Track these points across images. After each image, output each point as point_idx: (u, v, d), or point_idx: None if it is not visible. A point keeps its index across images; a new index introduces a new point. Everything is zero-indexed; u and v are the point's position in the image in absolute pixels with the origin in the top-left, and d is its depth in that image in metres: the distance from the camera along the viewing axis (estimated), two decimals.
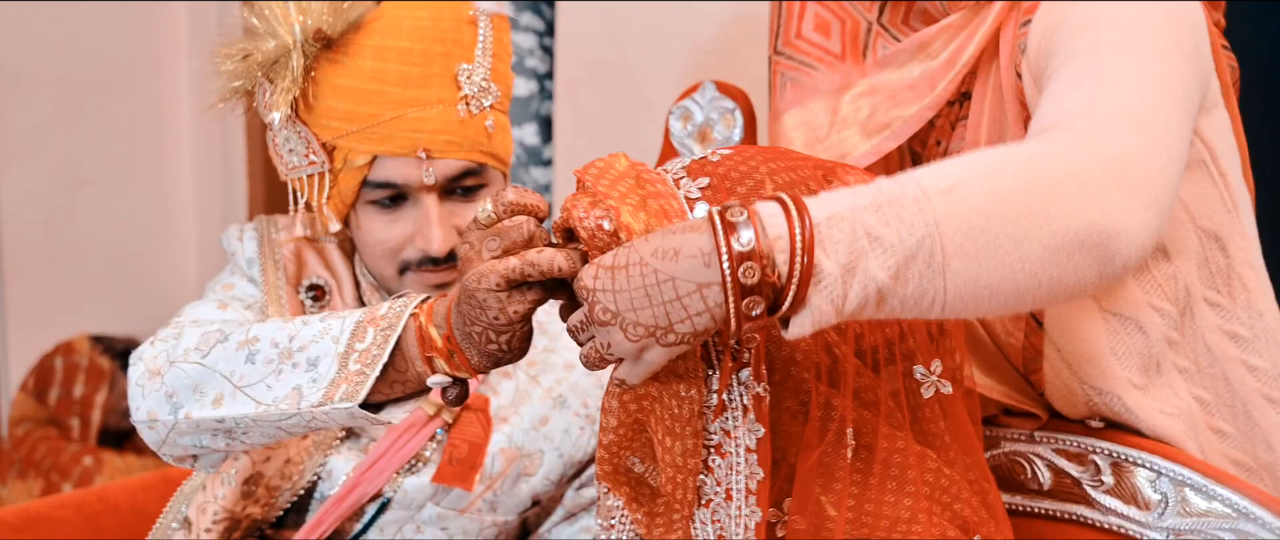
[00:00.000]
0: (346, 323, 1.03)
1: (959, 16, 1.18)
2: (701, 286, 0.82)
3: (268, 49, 1.27)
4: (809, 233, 0.81)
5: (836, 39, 1.22)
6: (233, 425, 1.07)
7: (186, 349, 1.12)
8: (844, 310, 0.82)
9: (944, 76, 1.16)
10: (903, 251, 0.81)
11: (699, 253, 0.82)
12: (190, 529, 1.36)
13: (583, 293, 0.86)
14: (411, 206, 1.32)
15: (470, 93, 1.30)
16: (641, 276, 0.83)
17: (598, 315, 0.85)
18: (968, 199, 0.83)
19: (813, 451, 0.94)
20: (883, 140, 1.18)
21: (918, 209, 0.82)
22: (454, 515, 1.38)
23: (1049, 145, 0.92)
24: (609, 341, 0.86)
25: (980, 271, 0.83)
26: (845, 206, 0.82)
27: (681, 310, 0.83)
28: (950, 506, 0.98)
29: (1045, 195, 0.85)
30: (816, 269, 0.81)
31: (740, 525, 0.94)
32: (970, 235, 0.82)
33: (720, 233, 0.81)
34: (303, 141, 1.30)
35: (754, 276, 0.81)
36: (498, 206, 0.95)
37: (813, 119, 1.21)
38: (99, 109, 3.30)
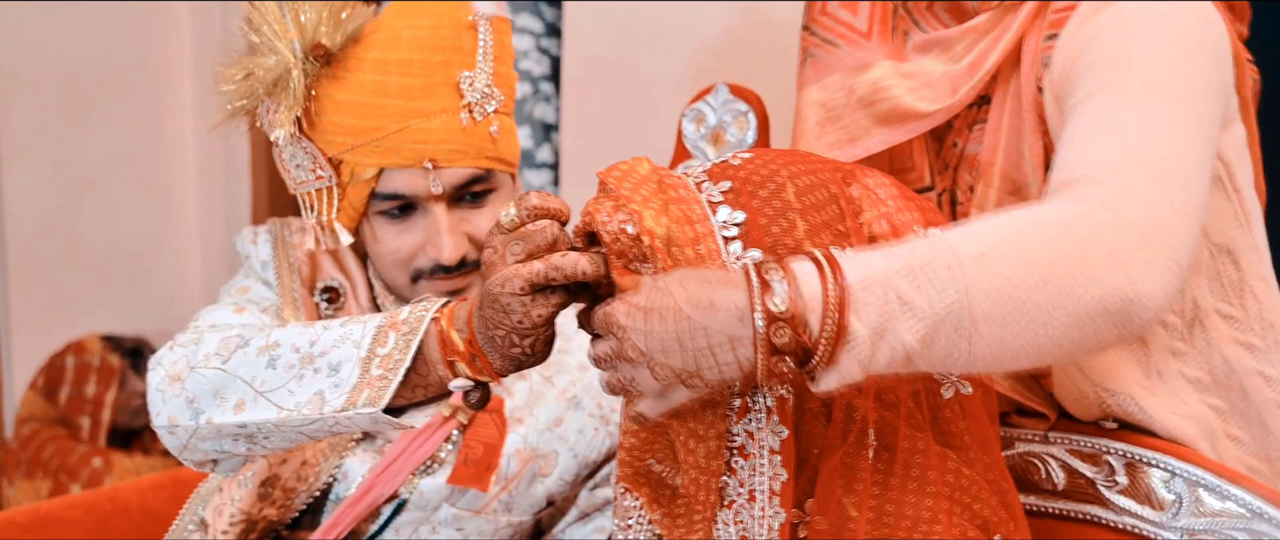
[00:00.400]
0: (367, 328, 1.03)
1: (985, 19, 1.17)
2: (733, 340, 0.83)
3: (268, 66, 1.26)
4: (842, 296, 0.82)
5: (863, 17, 1.20)
6: (254, 430, 1.07)
7: (206, 354, 1.12)
8: (871, 369, 0.85)
9: (965, 82, 1.16)
10: (932, 317, 0.83)
11: (734, 308, 0.83)
12: (206, 531, 1.36)
13: (615, 329, 0.86)
14: (421, 216, 1.32)
15: (473, 100, 1.29)
16: (675, 323, 0.84)
17: (627, 352, 0.86)
18: (998, 267, 0.85)
19: (835, 452, 0.95)
20: (895, 134, 1.18)
21: (949, 275, 0.84)
22: (470, 516, 1.39)
23: (1078, 208, 0.93)
24: (635, 378, 0.87)
25: (1006, 337, 0.86)
26: (879, 270, 0.84)
27: (712, 360, 0.84)
28: (970, 506, 0.99)
29: (1073, 265, 0.87)
30: (847, 332, 0.83)
31: (764, 526, 0.95)
32: (999, 303, 0.85)
33: (756, 291, 0.83)
34: (309, 157, 1.30)
35: (785, 337, 0.83)
36: (520, 211, 0.96)
37: (830, 97, 1.21)
38: (102, 110, 3.30)
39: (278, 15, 1.27)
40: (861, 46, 1.19)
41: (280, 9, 1.27)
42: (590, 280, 0.94)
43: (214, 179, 3.50)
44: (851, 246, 0.93)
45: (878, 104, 1.17)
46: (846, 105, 1.19)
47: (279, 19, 1.26)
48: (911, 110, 1.16)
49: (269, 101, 1.29)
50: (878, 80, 1.18)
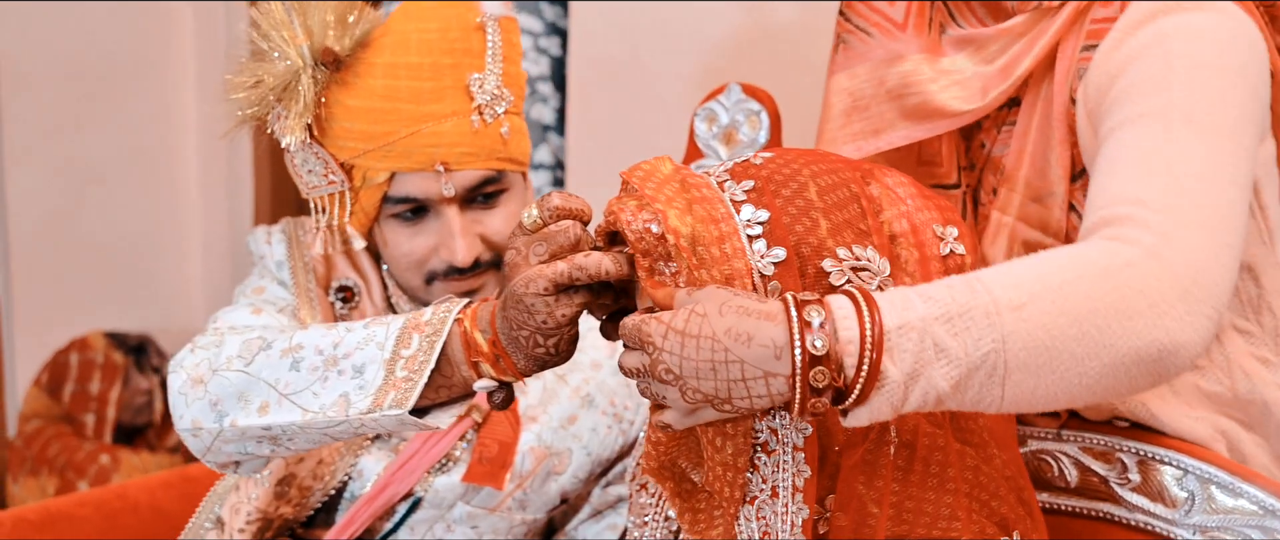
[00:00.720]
0: (391, 329, 1.03)
1: (1021, 21, 1.16)
2: (768, 375, 0.84)
3: (278, 72, 1.27)
4: (879, 340, 0.83)
5: (900, 8, 1.17)
6: (279, 432, 1.07)
7: (229, 357, 1.12)
8: (901, 410, 0.86)
9: (997, 85, 1.15)
10: (967, 364, 0.84)
11: (772, 345, 0.84)
12: (222, 529, 1.37)
13: (648, 348, 0.87)
14: (433, 218, 1.32)
15: (483, 102, 1.30)
16: (712, 352, 0.84)
17: (660, 373, 0.86)
18: (1037, 317, 0.85)
19: (857, 449, 0.95)
20: (920, 130, 1.17)
21: (987, 323, 0.84)
22: (484, 514, 1.39)
23: (1123, 255, 0.92)
24: (664, 396, 0.88)
25: (1039, 384, 0.86)
26: (916, 316, 0.84)
27: (744, 390, 0.85)
28: (988, 503, 0.99)
29: (1113, 316, 0.87)
30: (881, 376, 0.84)
31: (787, 522, 0.95)
32: (1035, 353, 0.85)
33: (795, 332, 0.83)
34: (320, 162, 1.31)
35: (823, 381, 0.84)
36: (543, 211, 0.96)
37: (858, 86, 1.19)
38: (106, 108, 3.31)
39: (285, 20, 1.27)
40: (895, 37, 1.17)
41: (287, 13, 1.27)
42: (613, 279, 0.94)
43: (217, 177, 3.51)
44: (873, 245, 0.93)
45: (906, 98, 1.16)
46: (874, 96, 1.17)
47: (287, 24, 1.27)
48: (940, 108, 1.15)
49: (279, 108, 1.29)
50: (908, 74, 1.16)
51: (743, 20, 2.28)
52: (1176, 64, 1.05)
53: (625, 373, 0.90)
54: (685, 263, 0.91)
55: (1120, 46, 1.09)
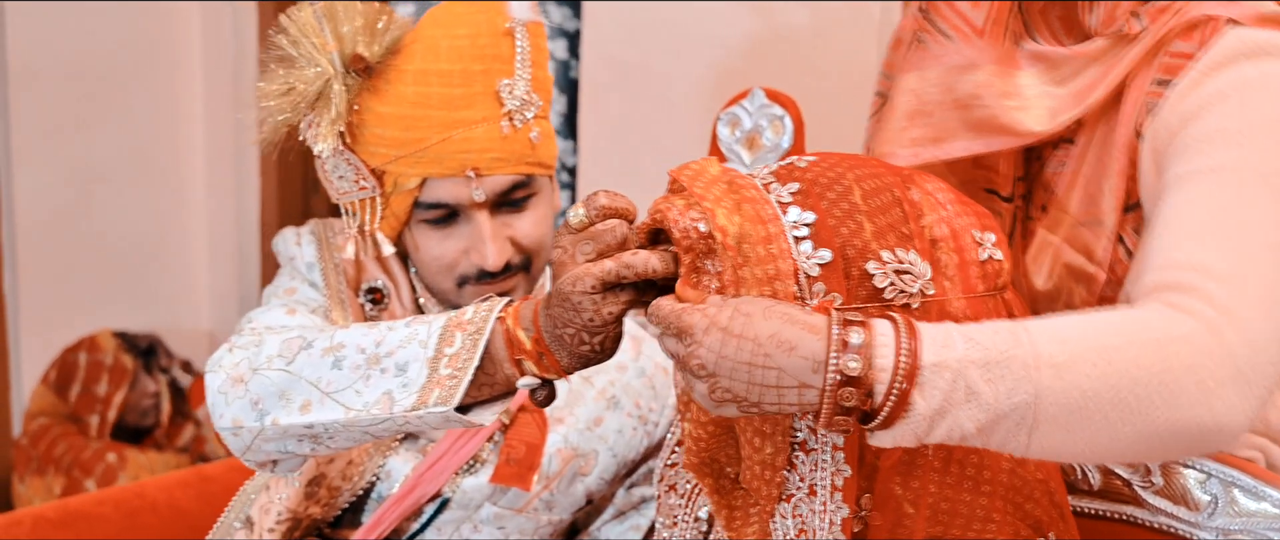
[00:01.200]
0: (433, 328, 1.04)
1: (1098, 46, 1.12)
2: (802, 386, 0.85)
3: (308, 78, 1.27)
4: (911, 373, 0.84)
5: (983, 14, 1.13)
6: (321, 431, 1.07)
7: (269, 356, 1.12)
8: (925, 441, 0.87)
9: (1067, 110, 1.12)
10: (996, 411, 0.84)
11: (811, 358, 0.85)
12: (252, 528, 1.37)
13: (686, 338, 0.87)
14: (464, 223, 1.33)
15: (513, 107, 1.30)
16: (751, 354, 0.85)
17: (693, 366, 0.87)
18: (1077, 379, 0.84)
19: (894, 450, 0.97)
20: (982, 144, 1.15)
21: (1024, 375, 0.84)
22: (511, 514, 1.40)
23: (1178, 327, 0.89)
24: (693, 386, 0.89)
25: (1067, 440, 0.86)
26: (954, 357, 0.84)
27: (775, 396, 0.86)
28: (1022, 506, 1.01)
29: (1156, 390, 0.85)
30: (909, 407, 0.85)
31: (825, 520, 0.96)
32: (1067, 411, 0.84)
33: (835, 347, 0.84)
34: (351, 168, 1.31)
35: (851, 401, 0.85)
36: (590, 211, 0.97)
37: (925, 89, 1.16)
38: (112, 108, 3.31)
39: (315, 26, 1.27)
40: (972, 44, 1.13)
41: (317, 19, 1.27)
42: (660, 277, 0.96)
43: (224, 177, 3.51)
44: (915, 249, 0.95)
45: (973, 110, 1.14)
46: (940, 103, 1.15)
47: (317, 30, 1.27)
48: (1006, 126, 1.13)
49: (311, 115, 1.29)
50: (979, 85, 1.14)
51: (755, 23, 2.30)
52: (1255, 117, 1.01)
53: (664, 349, 0.91)
54: (730, 261, 0.92)
55: (1197, 88, 1.05)
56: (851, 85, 2.18)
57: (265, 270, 3.53)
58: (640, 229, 0.98)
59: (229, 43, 3.40)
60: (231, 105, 3.44)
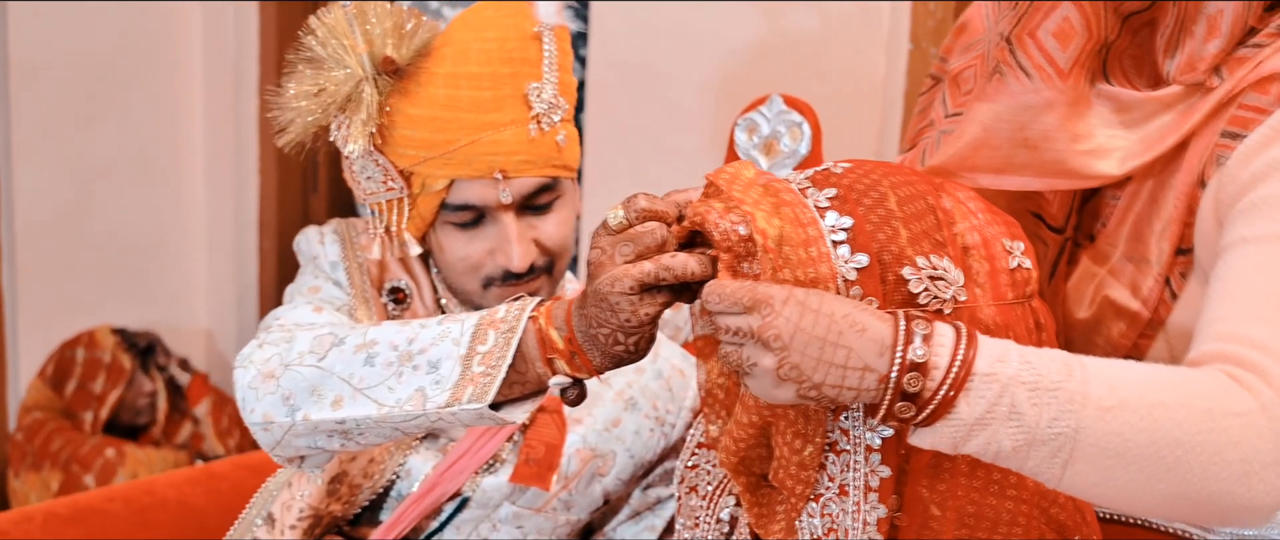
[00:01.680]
0: (466, 326, 1.05)
1: (1172, 93, 1.10)
2: (865, 369, 0.86)
3: (338, 79, 1.28)
4: (960, 380, 0.85)
5: (1069, 54, 1.09)
6: (352, 427, 1.08)
7: (301, 352, 1.12)
8: (960, 449, 0.88)
9: (1136, 157, 1.11)
10: (1035, 436, 0.86)
11: (880, 341, 0.86)
12: (274, 525, 1.38)
13: (763, 308, 0.88)
14: (490, 224, 1.34)
15: (541, 111, 1.31)
16: (826, 329, 0.86)
17: (767, 336, 0.87)
18: (1119, 427, 0.85)
19: (924, 453, 0.98)
20: (1045, 183, 1.14)
21: (1068, 408, 0.85)
22: (530, 514, 1.41)
23: (1235, 404, 0.88)
24: (757, 362, 0.88)
25: (1099, 482, 0.87)
26: (1007, 374, 0.86)
27: (838, 377, 0.87)
28: (1047, 509, 1.02)
29: (1197, 455, 0.86)
30: (953, 410, 0.86)
31: (859, 520, 0.97)
32: (1104, 455, 0.86)
33: (901, 336, 0.86)
34: (380, 170, 1.32)
35: (917, 387, 0.86)
36: (629, 212, 0.98)
37: (995, 124, 1.13)
38: (113, 105, 3.31)
39: (345, 28, 1.27)
40: (1052, 85, 1.10)
41: (348, 21, 1.28)
42: (698, 280, 0.97)
43: (223, 176, 3.51)
44: (948, 256, 0.96)
45: (1041, 151, 1.12)
46: (1010, 140, 1.13)
47: (347, 32, 1.27)
48: (1072, 169, 1.12)
49: (342, 117, 1.29)
50: (1050, 129, 1.11)
51: (762, 27, 2.31)
52: None
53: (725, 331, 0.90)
54: (769, 263, 0.93)
55: (1268, 147, 1.03)
56: (859, 91, 2.19)
57: (263, 270, 3.53)
58: (677, 232, 0.99)
59: (230, 42, 3.40)
60: (232, 104, 3.43)
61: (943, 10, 2.16)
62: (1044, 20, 1.08)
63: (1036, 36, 1.09)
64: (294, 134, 1.29)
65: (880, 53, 2.18)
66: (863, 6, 2.20)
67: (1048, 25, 1.08)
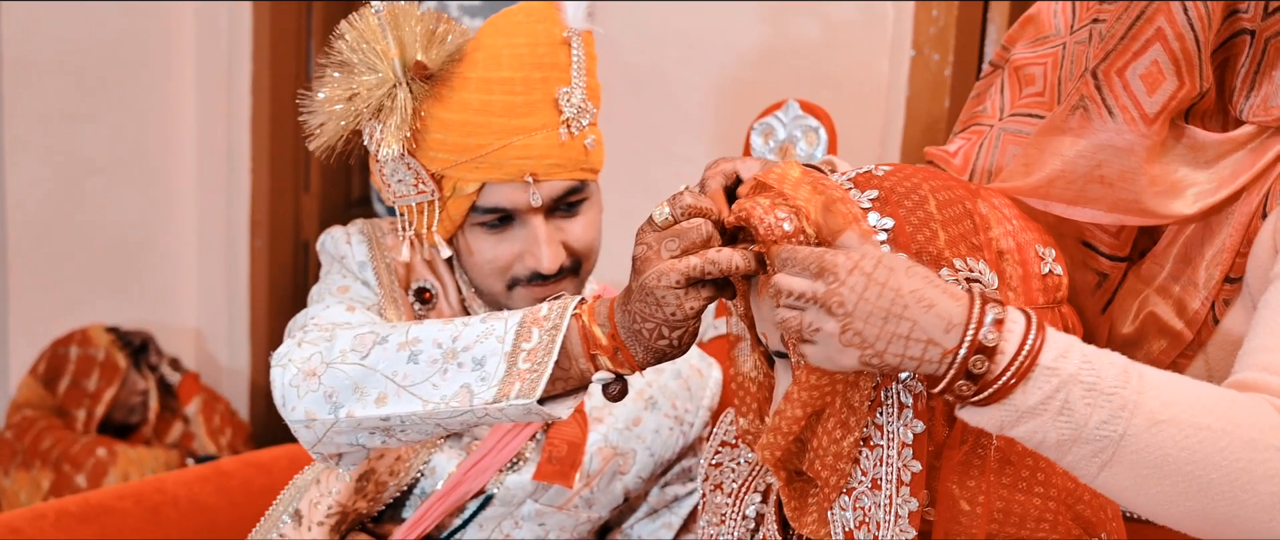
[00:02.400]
0: (509, 324, 1.06)
1: (1246, 133, 1.12)
2: (930, 343, 0.88)
3: (371, 83, 1.29)
4: (1024, 369, 0.88)
5: (1157, 101, 1.09)
6: (396, 423, 1.09)
7: (343, 351, 1.14)
8: (1006, 433, 0.91)
9: (1208, 197, 1.13)
10: (1081, 434, 0.89)
11: (948, 317, 0.88)
12: (301, 522, 1.39)
13: (829, 276, 0.90)
14: (519, 226, 1.35)
15: (570, 115, 1.33)
16: (890, 302, 0.88)
17: (832, 303, 0.89)
18: (1163, 441, 0.88)
19: (956, 451, 1.01)
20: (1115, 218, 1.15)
21: (1120, 414, 0.88)
22: (552, 511, 1.43)
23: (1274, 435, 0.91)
24: (820, 327, 0.90)
25: (1132, 487, 0.90)
26: (1068, 370, 0.88)
27: (901, 348, 0.89)
28: (1074, 507, 1.05)
29: (1232, 484, 0.89)
30: (1009, 396, 0.89)
31: (891, 513, 1.00)
32: (1143, 464, 0.89)
33: (975, 316, 0.88)
34: (412, 173, 1.33)
35: (981, 368, 0.88)
36: (675, 209, 1.00)
37: (1072, 160, 1.13)
38: (105, 102, 3.30)
39: (378, 33, 1.29)
40: (1136, 130, 1.10)
41: (381, 26, 1.29)
42: (743, 274, 0.99)
43: (214, 175, 3.51)
44: (984, 259, 0.99)
45: (1117, 189, 1.13)
46: (1087, 175, 1.13)
47: (380, 37, 1.29)
48: (1146, 208, 1.13)
49: (375, 121, 1.31)
50: (1128, 171, 1.12)
51: (766, 32, 2.33)
52: None
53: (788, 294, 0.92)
54: None
55: None
56: (862, 96, 2.22)
57: (255, 269, 3.52)
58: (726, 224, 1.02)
59: (223, 41, 3.40)
60: (225, 103, 3.43)
61: (945, 16, 2.18)
62: (1134, 61, 1.08)
63: (1124, 76, 1.09)
64: (326, 138, 1.30)
65: (883, 58, 2.21)
66: (866, 12, 2.22)
67: (1136, 67, 1.08)
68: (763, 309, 1.05)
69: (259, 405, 3.62)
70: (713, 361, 1.57)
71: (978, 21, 2.27)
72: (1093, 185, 1.13)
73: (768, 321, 1.04)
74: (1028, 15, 1.32)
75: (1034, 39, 1.30)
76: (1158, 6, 1.07)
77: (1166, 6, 1.06)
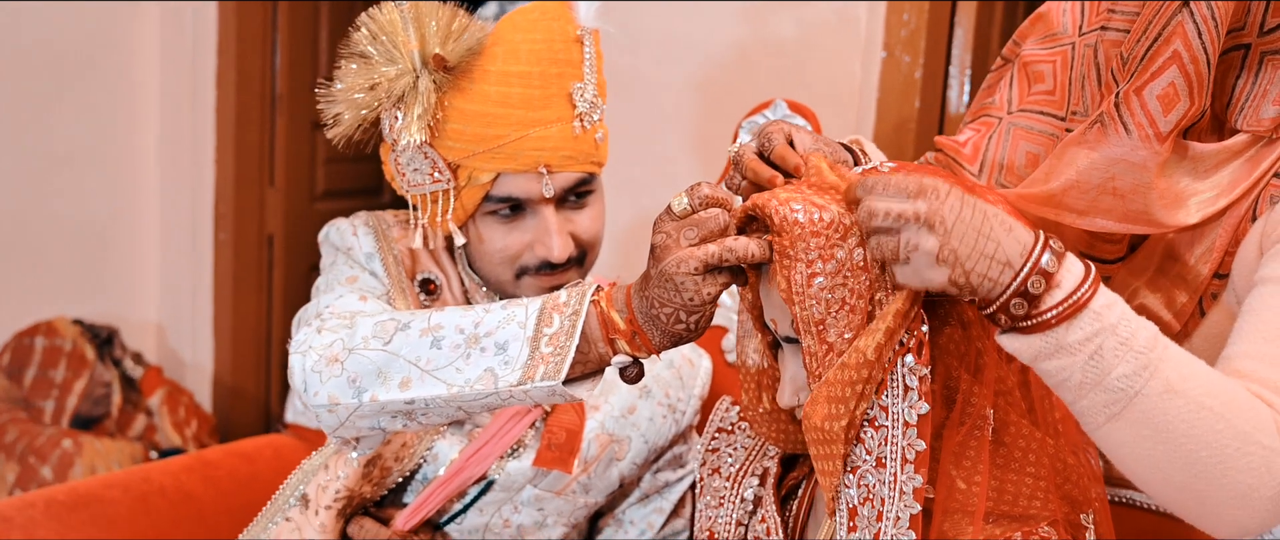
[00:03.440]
0: (530, 311, 1.10)
1: (1240, 142, 1.18)
2: (1006, 264, 0.95)
3: (391, 75, 1.32)
4: (1077, 306, 0.94)
5: (1171, 120, 1.14)
6: (419, 406, 1.13)
7: (365, 337, 1.17)
8: (1034, 364, 0.97)
9: (1210, 206, 1.19)
10: (1102, 382, 0.95)
11: (1022, 242, 0.95)
12: (308, 506, 1.42)
13: (930, 195, 0.95)
14: (530, 216, 1.40)
15: (583, 110, 1.38)
16: (983, 222, 0.95)
17: (935, 220, 0.94)
18: (1170, 408, 0.95)
19: (956, 432, 1.07)
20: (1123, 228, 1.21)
21: (1141, 372, 0.95)
22: (551, 496, 1.47)
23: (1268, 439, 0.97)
24: (919, 245, 0.96)
25: (1127, 444, 0.98)
26: (1109, 320, 0.95)
27: (985, 266, 0.95)
28: (1062, 487, 1.11)
29: (1216, 467, 0.96)
30: (1052, 330, 0.95)
31: (896, 489, 1.05)
32: (1146, 425, 0.96)
33: (1040, 245, 0.95)
34: (428, 162, 1.37)
35: (1038, 289, 0.95)
36: (693, 200, 1.05)
37: (1087, 171, 1.20)
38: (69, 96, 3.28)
39: (399, 26, 1.32)
40: (1150, 147, 1.15)
41: (403, 20, 1.32)
42: (758, 262, 1.04)
43: (178, 169, 3.50)
44: None
45: (1128, 201, 1.19)
46: (1099, 187, 1.19)
47: (401, 29, 1.32)
48: (1155, 219, 1.19)
49: (395, 111, 1.34)
50: (1138, 185, 1.18)
51: (742, 32, 2.38)
52: None
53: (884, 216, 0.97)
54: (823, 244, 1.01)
55: None
56: (836, 95, 2.28)
57: (219, 262, 3.52)
58: (735, 216, 1.07)
59: (188, 34, 3.40)
60: (189, 96, 3.43)
61: (916, 19, 2.24)
62: (1152, 81, 1.14)
63: (1142, 96, 1.15)
64: (345, 127, 1.33)
65: (856, 60, 2.26)
66: (840, 14, 2.27)
67: (1154, 87, 1.14)
68: (772, 296, 1.10)
69: (222, 400, 3.61)
70: (702, 352, 1.62)
71: (945, 25, 2.34)
72: (1105, 196, 1.19)
73: (776, 308, 1.10)
74: (1038, 13, 1.38)
75: (1043, 36, 1.35)
76: (1174, 29, 1.12)
77: (1182, 30, 1.12)
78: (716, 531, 1.27)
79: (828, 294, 1.03)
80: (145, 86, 3.46)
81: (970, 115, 1.40)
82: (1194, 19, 1.11)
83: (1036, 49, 1.35)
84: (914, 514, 1.04)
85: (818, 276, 1.02)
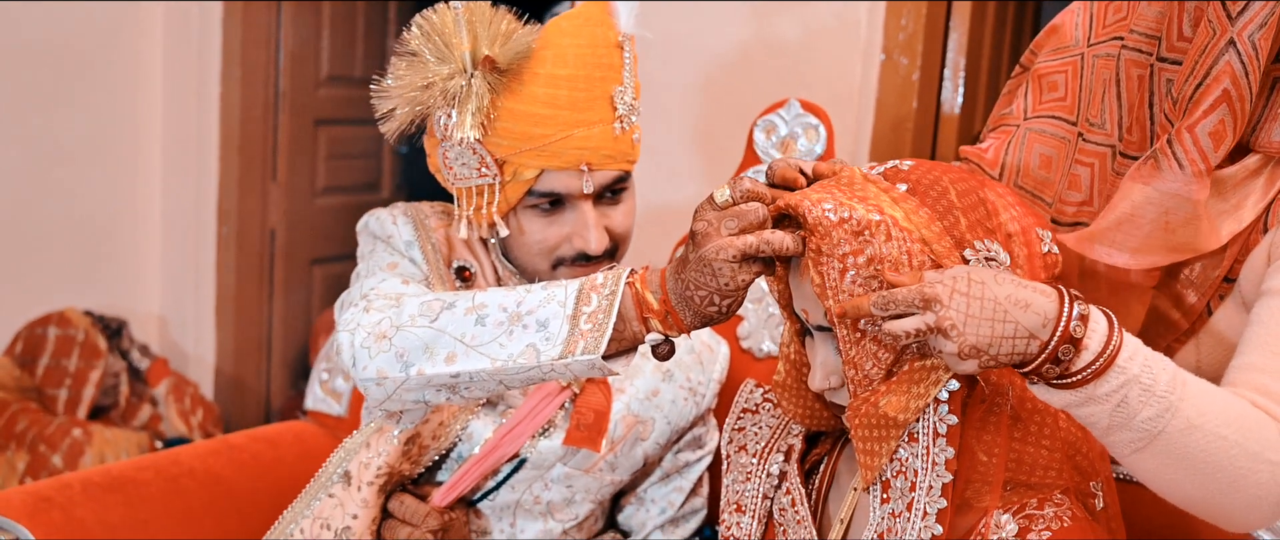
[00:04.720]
0: (569, 291, 1.18)
1: (1255, 162, 1.25)
2: (1031, 337, 1.02)
3: (444, 74, 1.39)
4: (1105, 365, 1.03)
5: (1220, 152, 1.21)
6: (464, 380, 1.20)
7: (412, 315, 1.25)
8: (1066, 409, 1.07)
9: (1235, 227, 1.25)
10: (1128, 424, 1.04)
11: (1043, 314, 1.02)
12: (350, 483, 1.49)
13: (936, 305, 1.02)
14: (568, 211, 1.47)
15: (623, 112, 1.46)
16: (992, 311, 1.02)
17: (946, 327, 1.02)
18: (1190, 443, 1.04)
19: (977, 409, 1.15)
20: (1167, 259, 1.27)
21: (1164, 414, 1.04)
22: (579, 474, 1.55)
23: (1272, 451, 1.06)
24: (941, 351, 1.04)
25: (1154, 469, 1.07)
26: (1133, 372, 1.03)
27: (1009, 346, 1.03)
28: (1073, 458, 1.20)
29: (1228, 482, 1.05)
30: (1083, 387, 1.04)
31: (928, 461, 1.14)
32: (1169, 456, 1.05)
33: (1065, 313, 1.03)
34: (476, 157, 1.44)
35: (1068, 357, 1.03)
36: (735, 192, 1.12)
37: (1142, 205, 1.25)
38: (74, 91, 3.32)
39: (453, 28, 1.39)
40: (1201, 182, 1.21)
41: (457, 22, 1.40)
42: (792, 255, 1.12)
43: (181, 164, 3.54)
44: (997, 240, 1.13)
45: (1176, 233, 1.26)
46: (1154, 222, 1.25)
47: (455, 31, 1.39)
48: (1195, 248, 1.27)
49: (448, 109, 1.41)
50: (1191, 217, 1.23)
51: (744, 33, 2.45)
52: None
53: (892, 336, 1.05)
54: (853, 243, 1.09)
55: None
56: (836, 97, 2.35)
57: (222, 256, 3.56)
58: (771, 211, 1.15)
59: (193, 28, 3.44)
60: (194, 92, 3.47)
61: (913, 22, 2.32)
62: (1204, 118, 1.20)
63: (1194, 133, 1.21)
64: (399, 122, 1.40)
65: (856, 62, 2.33)
66: (840, 17, 2.34)
67: (1206, 124, 1.20)
68: (803, 287, 1.18)
69: (223, 391, 3.66)
70: (721, 338, 1.70)
71: (941, 29, 2.42)
72: (1155, 231, 1.27)
73: (807, 299, 1.18)
74: (1053, 25, 1.46)
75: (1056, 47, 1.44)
76: (1222, 69, 1.19)
77: (1229, 68, 1.18)
78: (743, 504, 1.35)
79: (860, 287, 1.10)
80: (150, 83, 3.50)
81: (991, 124, 1.49)
82: (1238, 52, 1.17)
83: (1049, 60, 1.43)
84: (946, 483, 1.13)
85: (849, 271, 1.10)
